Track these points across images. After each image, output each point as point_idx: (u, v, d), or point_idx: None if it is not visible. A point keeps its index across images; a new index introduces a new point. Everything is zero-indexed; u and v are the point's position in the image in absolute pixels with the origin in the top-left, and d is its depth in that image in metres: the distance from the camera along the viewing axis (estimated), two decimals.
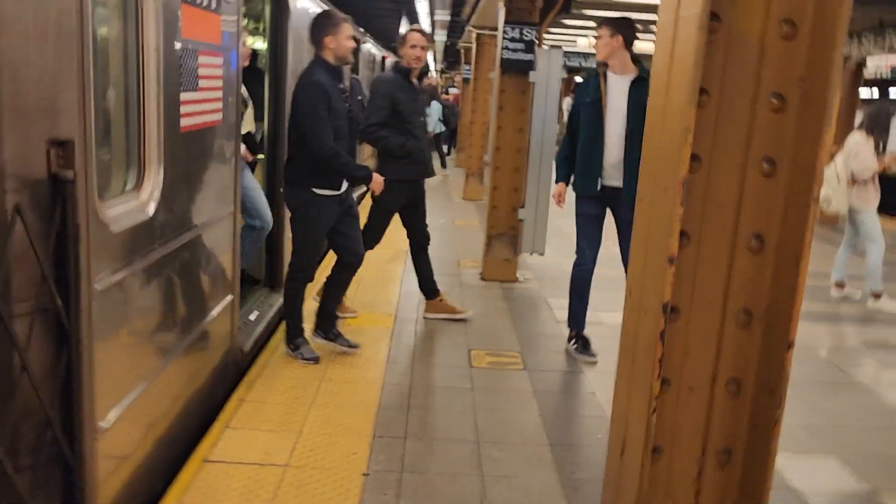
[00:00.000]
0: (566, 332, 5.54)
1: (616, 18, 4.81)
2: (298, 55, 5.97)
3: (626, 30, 4.66)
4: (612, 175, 4.73)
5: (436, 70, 41.84)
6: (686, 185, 1.44)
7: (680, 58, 1.51)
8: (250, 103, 5.24)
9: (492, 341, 5.25)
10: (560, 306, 6.23)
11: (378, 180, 4.79)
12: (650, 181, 1.64)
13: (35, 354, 2.27)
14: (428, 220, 5.72)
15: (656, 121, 1.62)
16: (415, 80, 5.42)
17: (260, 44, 9.07)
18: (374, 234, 5.69)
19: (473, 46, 12.15)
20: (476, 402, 4.23)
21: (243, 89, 4.67)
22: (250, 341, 4.81)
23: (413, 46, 5.23)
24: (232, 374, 4.47)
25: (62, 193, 2.29)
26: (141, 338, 3.02)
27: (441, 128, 15.86)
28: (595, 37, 4.84)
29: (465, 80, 16.28)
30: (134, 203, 2.89)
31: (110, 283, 2.63)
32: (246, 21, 9.88)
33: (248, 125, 5.18)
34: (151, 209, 2.99)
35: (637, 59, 4.73)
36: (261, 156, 5.88)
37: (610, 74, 4.71)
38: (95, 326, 2.53)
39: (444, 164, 16.25)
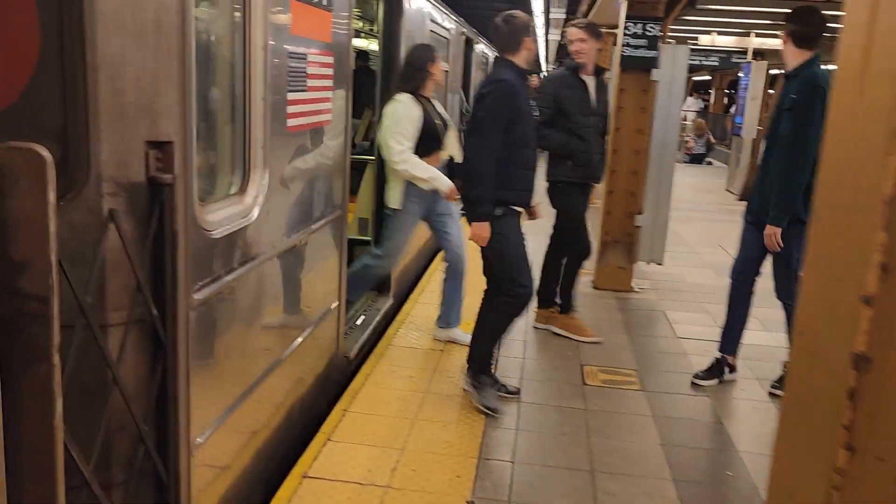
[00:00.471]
0: (687, 349, 5.14)
1: None
2: None
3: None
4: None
5: (546, 69, 41.29)
6: (891, 205, 1.11)
7: (883, 33, 1.16)
8: (450, 123, 4.92)
9: (606, 357, 4.91)
10: (680, 321, 5.82)
11: (478, 232, 3.99)
12: (832, 197, 1.31)
13: (128, 367, 2.17)
14: (543, 225, 5.38)
15: (843, 119, 1.29)
16: (587, 77, 5.05)
17: (369, 45, 8.93)
18: (578, 242, 5.36)
19: None
20: (590, 424, 3.92)
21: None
22: (356, 347, 4.68)
23: (571, 41, 4.97)
24: (336, 381, 4.36)
25: (160, 198, 2.18)
26: (242, 347, 2.90)
27: None
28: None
29: None
30: (237, 207, 2.77)
31: (211, 292, 2.52)
32: (360, 23, 9.91)
33: (451, 149, 4.84)
34: (255, 213, 2.87)
35: None
36: (369, 157, 5.78)
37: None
38: (193, 337, 2.41)
39: None
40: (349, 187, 5.90)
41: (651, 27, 6.10)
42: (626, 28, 6.13)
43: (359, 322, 5.13)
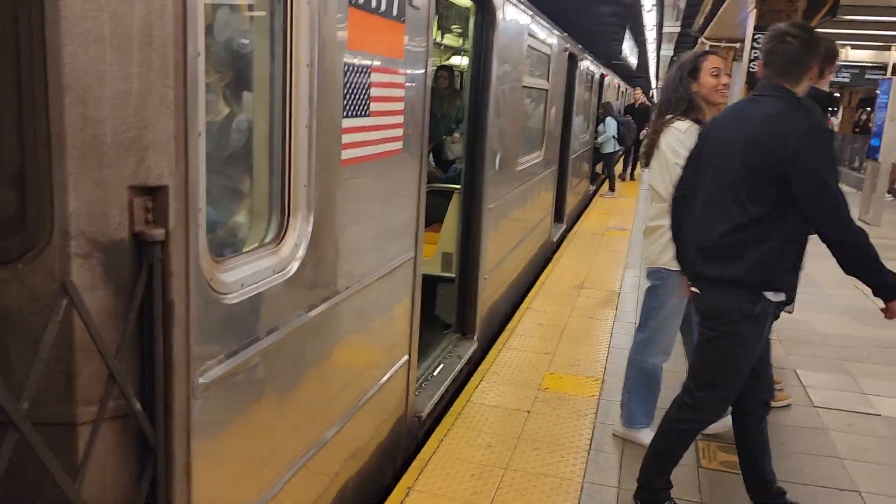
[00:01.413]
0: (827, 423, 4.28)
1: None
2: (504, 73, 5.25)
3: None
4: None
5: (656, 87, 39.89)
6: None
7: None
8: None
9: (725, 429, 4.11)
10: (815, 384, 4.95)
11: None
12: None
13: (97, 475, 1.66)
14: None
15: None
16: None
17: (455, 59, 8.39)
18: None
19: None
20: None
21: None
22: (429, 406, 4.11)
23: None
24: (405, 447, 3.79)
25: (148, 259, 1.68)
26: (271, 433, 2.37)
27: (614, 147, 14.01)
28: None
29: None
30: (270, 260, 2.25)
31: (224, 371, 1.99)
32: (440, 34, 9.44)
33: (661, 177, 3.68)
34: (294, 267, 2.34)
35: None
36: (455, 186, 5.22)
37: None
38: (199, 432, 1.89)
39: (612, 188, 14.27)
40: (432, 217, 5.40)
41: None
42: (754, 41, 5.32)
43: (436, 372, 4.56)
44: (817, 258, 3.76)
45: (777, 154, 2.76)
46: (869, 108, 21.37)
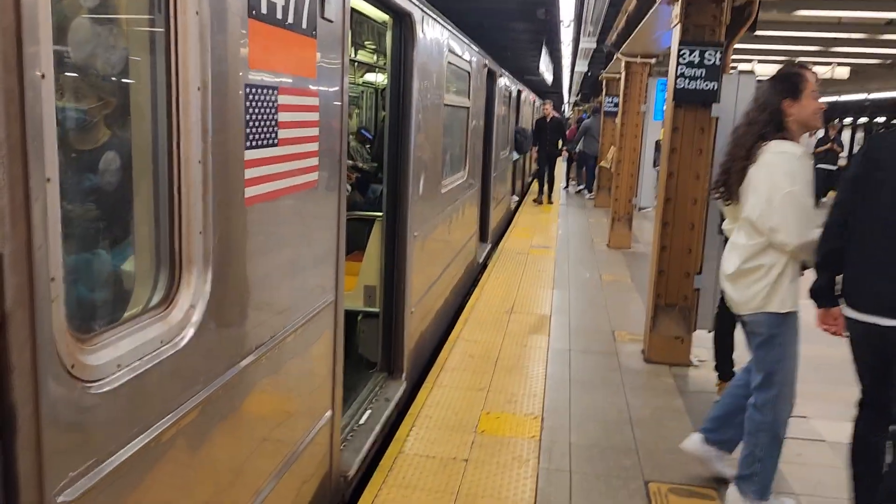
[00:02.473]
0: None
1: None
2: (425, 91, 4.92)
3: None
4: None
5: (568, 102, 40.53)
6: None
7: None
8: None
9: (675, 468, 3.87)
10: None
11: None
12: None
13: None
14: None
15: None
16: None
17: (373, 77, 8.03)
18: None
19: (622, 76, 10.81)
20: None
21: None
22: (356, 461, 3.70)
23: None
24: None
25: None
26: None
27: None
28: None
29: (608, 114, 14.89)
30: (156, 329, 1.82)
31: (96, 482, 1.55)
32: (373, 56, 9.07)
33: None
34: (189, 334, 1.92)
35: None
36: (377, 214, 4.84)
37: None
38: None
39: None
40: (352, 244, 4.98)
41: (710, 54, 5.14)
42: (679, 56, 5.17)
43: (363, 420, 4.15)
44: None
45: None
46: None
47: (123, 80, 1.84)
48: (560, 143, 15.18)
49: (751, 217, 3.24)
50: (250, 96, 2.18)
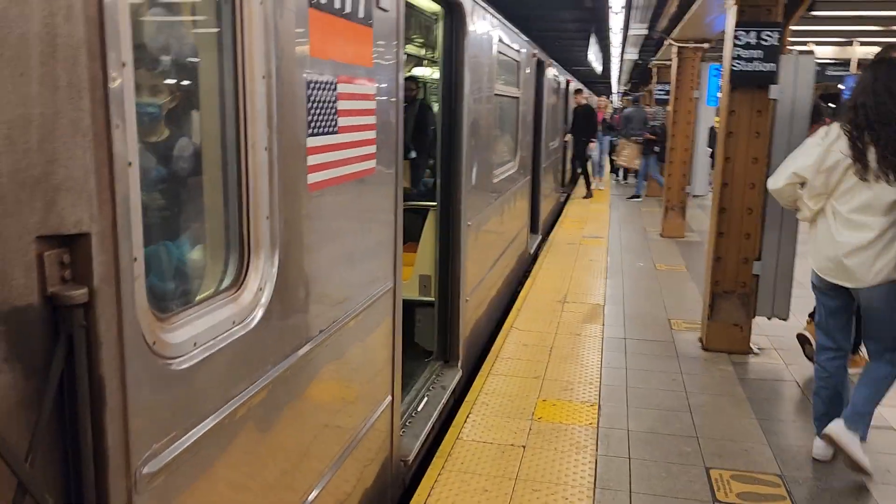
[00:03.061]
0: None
1: None
2: (477, 81, 4.93)
3: None
4: None
5: (618, 91, 39.93)
6: None
7: None
8: None
9: (737, 455, 3.82)
10: None
11: None
12: None
13: None
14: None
15: None
16: None
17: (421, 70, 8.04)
18: None
19: (674, 62, 10.63)
20: None
21: None
22: (415, 447, 3.75)
23: None
24: (392, 496, 3.43)
25: (68, 327, 1.31)
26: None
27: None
28: None
29: (660, 102, 14.66)
30: (228, 310, 1.88)
31: (177, 455, 1.62)
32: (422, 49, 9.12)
33: None
34: (258, 315, 1.98)
35: None
36: (432, 203, 4.88)
37: None
38: None
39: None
40: (406, 235, 5.04)
41: (768, 35, 5.04)
42: (736, 38, 5.08)
43: (421, 407, 4.20)
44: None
45: None
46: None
47: (194, 71, 1.90)
48: (590, 133, 14.48)
49: None
50: (311, 85, 2.23)
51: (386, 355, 3.20)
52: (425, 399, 4.31)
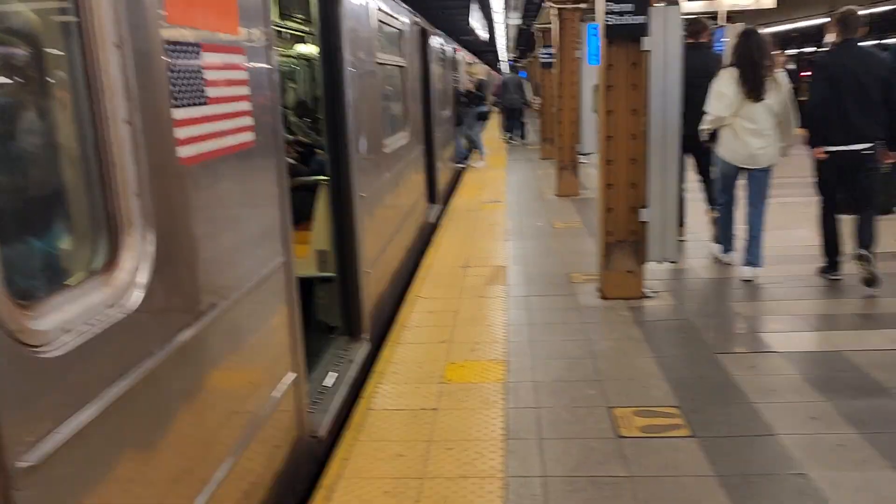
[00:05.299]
0: (729, 367, 4.23)
1: None
2: (357, 50, 4.86)
3: None
4: None
5: (507, 59, 40.33)
6: None
7: None
8: None
9: (637, 393, 3.98)
10: (711, 327, 4.93)
11: None
12: None
13: None
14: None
15: None
16: None
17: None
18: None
19: (555, 24, 10.82)
20: (638, 498, 3.00)
21: None
22: (326, 421, 3.72)
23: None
24: (306, 472, 3.40)
25: None
26: (145, 493, 1.93)
27: None
28: None
29: (545, 65, 14.91)
30: (100, 294, 1.79)
31: (57, 445, 1.54)
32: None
33: None
34: (136, 296, 1.90)
35: None
36: (321, 178, 4.80)
37: None
38: None
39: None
40: (301, 214, 4.94)
41: None
42: None
43: (330, 383, 4.16)
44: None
45: None
46: None
47: (34, 44, 1.78)
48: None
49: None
50: (171, 54, 2.13)
51: (284, 332, 3.14)
52: (334, 374, 4.27)
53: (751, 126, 5.68)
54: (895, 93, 5.32)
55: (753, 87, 5.59)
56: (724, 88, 5.70)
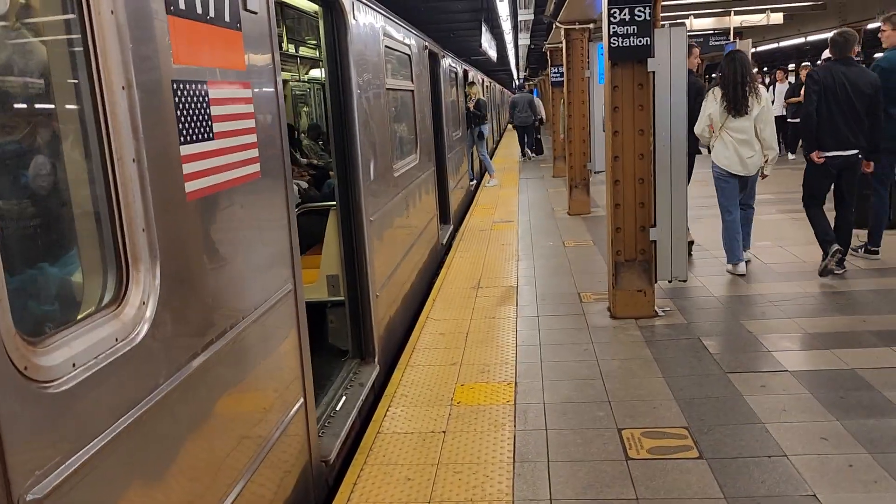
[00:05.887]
0: (740, 387, 4.23)
1: None
2: (365, 77, 4.94)
3: None
4: None
5: (518, 78, 40.52)
6: None
7: None
8: None
9: (646, 414, 3.99)
10: (721, 348, 4.92)
11: None
12: None
13: None
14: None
15: None
16: None
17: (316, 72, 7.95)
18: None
19: (563, 45, 10.90)
20: None
21: None
22: (336, 445, 3.75)
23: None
24: (315, 497, 3.43)
25: None
26: None
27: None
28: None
29: (555, 84, 14.99)
30: (110, 327, 1.85)
31: (65, 478, 1.59)
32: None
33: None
34: (144, 330, 1.95)
35: None
36: (331, 203, 4.86)
37: None
38: None
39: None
40: (312, 239, 5.01)
41: (640, 11, 5.24)
42: (611, 15, 5.27)
43: (339, 406, 4.20)
44: (700, 223, 3.72)
45: None
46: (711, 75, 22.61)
47: (44, 86, 1.85)
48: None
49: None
50: (178, 92, 2.20)
51: (293, 358, 3.19)
52: (343, 397, 4.31)
53: (740, 136, 6.42)
54: (876, 107, 6.15)
55: (735, 104, 6.36)
56: (708, 108, 6.56)
